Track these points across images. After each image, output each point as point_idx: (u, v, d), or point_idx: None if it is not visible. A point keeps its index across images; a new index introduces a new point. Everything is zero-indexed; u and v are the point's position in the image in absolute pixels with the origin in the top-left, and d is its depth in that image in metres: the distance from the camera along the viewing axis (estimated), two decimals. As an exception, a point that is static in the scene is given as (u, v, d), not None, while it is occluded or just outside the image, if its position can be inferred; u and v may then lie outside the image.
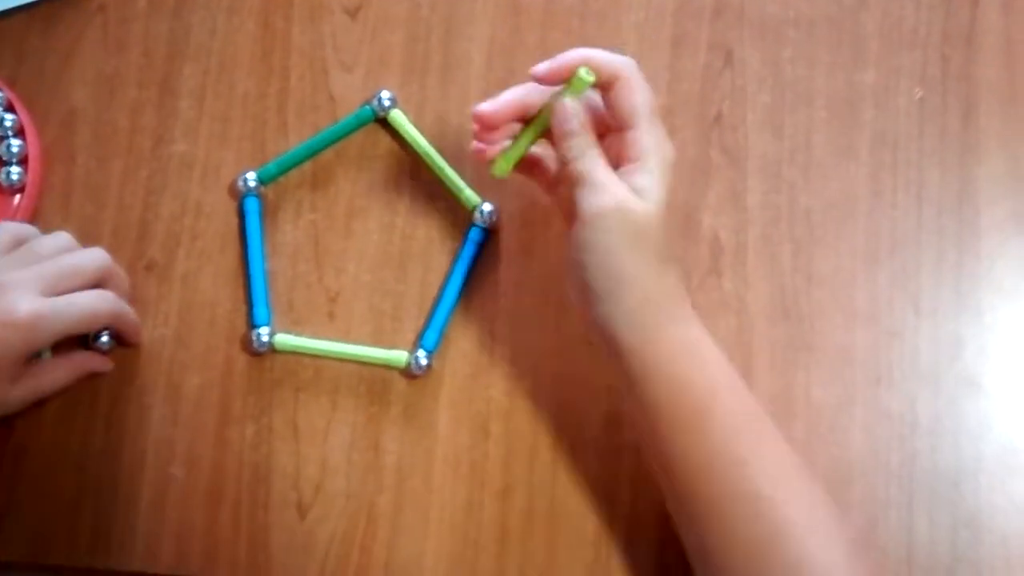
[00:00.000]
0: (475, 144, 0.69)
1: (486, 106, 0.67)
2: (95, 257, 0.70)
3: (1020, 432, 0.72)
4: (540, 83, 0.66)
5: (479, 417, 0.73)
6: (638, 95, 0.66)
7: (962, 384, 0.73)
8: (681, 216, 0.76)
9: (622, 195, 0.63)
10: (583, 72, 0.65)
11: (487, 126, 0.68)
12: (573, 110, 0.65)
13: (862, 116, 0.78)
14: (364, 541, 0.71)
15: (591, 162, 0.64)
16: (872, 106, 0.78)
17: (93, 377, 0.73)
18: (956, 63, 0.78)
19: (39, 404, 0.73)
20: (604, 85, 0.66)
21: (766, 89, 0.78)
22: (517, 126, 0.69)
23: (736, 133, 0.77)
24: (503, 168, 0.70)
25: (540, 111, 0.68)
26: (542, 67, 0.66)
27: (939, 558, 0.70)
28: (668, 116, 0.77)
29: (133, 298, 0.74)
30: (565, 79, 0.66)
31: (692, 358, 0.65)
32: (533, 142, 0.69)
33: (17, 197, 0.76)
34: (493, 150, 0.69)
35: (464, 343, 0.74)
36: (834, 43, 0.79)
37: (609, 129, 0.67)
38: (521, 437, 0.73)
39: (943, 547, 0.70)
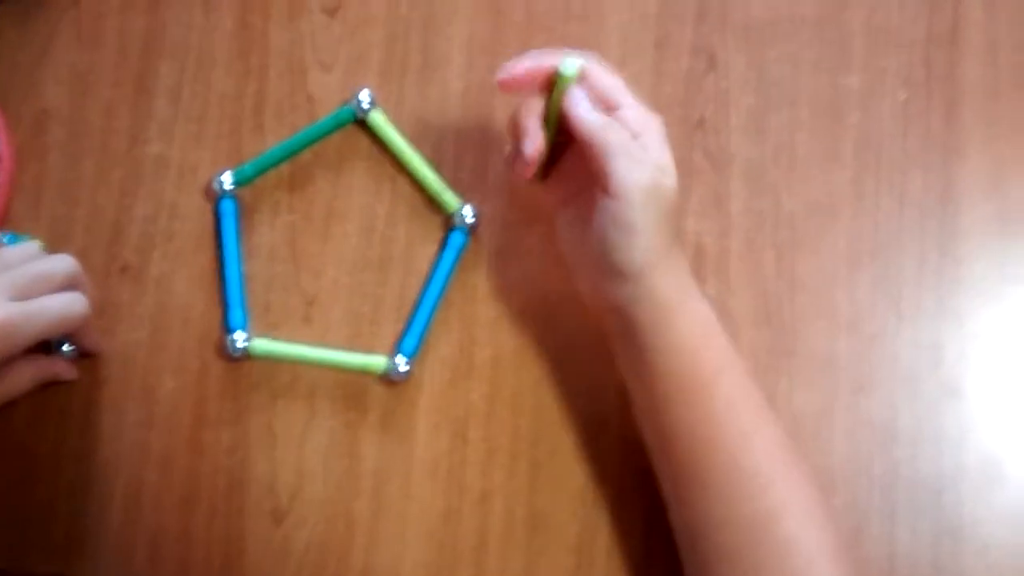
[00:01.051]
0: (525, 155, 0.67)
1: (513, 64, 0.65)
2: (64, 263, 0.68)
3: (1001, 441, 0.72)
4: (509, 90, 0.66)
5: (458, 422, 0.72)
6: (611, 76, 0.66)
7: (943, 391, 0.73)
8: (663, 220, 0.75)
9: (655, 170, 0.63)
10: (564, 68, 0.64)
11: (519, 85, 0.66)
12: (583, 93, 0.65)
13: (846, 119, 0.77)
14: (341, 548, 0.71)
15: (618, 132, 0.63)
16: (856, 108, 0.77)
17: (65, 382, 0.72)
18: (940, 64, 0.78)
19: (9, 404, 0.71)
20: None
21: (749, 92, 0.77)
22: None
23: (719, 137, 0.76)
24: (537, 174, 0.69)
25: (547, 110, 0.66)
26: (508, 72, 0.66)
27: (921, 567, 0.70)
28: (651, 119, 0.76)
29: (99, 305, 0.73)
30: (537, 82, 0.65)
31: (703, 333, 0.65)
32: (551, 141, 0.68)
33: (-12, 197, 0.75)
34: (533, 168, 0.68)
35: (443, 348, 0.73)
36: (819, 45, 0.78)
37: None
38: (500, 443, 0.72)
39: (925, 556, 0.70)
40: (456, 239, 0.74)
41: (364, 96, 0.76)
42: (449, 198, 0.75)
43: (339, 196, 0.76)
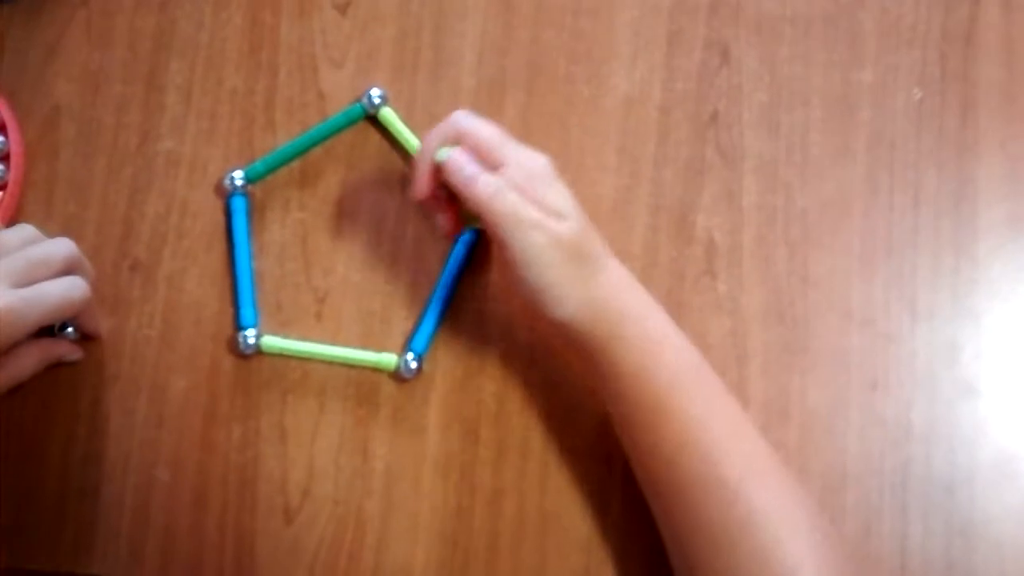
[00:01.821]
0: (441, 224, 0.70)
1: (419, 189, 0.68)
2: (63, 247, 0.68)
3: (1016, 438, 0.71)
4: (430, 198, 0.68)
5: (469, 421, 0.72)
6: (484, 130, 0.66)
7: (958, 389, 0.72)
8: (676, 216, 0.75)
9: (549, 225, 0.64)
10: (439, 158, 0.66)
11: (430, 196, 0.68)
12: (465, 157, 0.66)
13: (859, 116, 0.76)
14: (352, 547, 0.71)
15: (506, 196, 0.64)
16: (869, 105, 0.76)
17: (74, 378, 0.72)
18: (955, 62, 0.77)
19: (17, 402, 0.72)
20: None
21: (762, 88, 0.77)
22: None
23: (731, 132, 0.76)
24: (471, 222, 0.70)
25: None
26: (418, 193, 0.68)
27: (933, 565, 0.69)
28: (663, 115, 0.76)
29: (110, 301, 0.74)
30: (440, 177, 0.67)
31: (651, 352, 0.65)
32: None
33: (-1, 194, 0.75)
34: (456, 232, 0.71)
35: (454, 345, 0.73)
36: (831, 41, 0.77)
37: None
38: (512, 441, 0.72)
39: (937, 554, 0.70)
40: (467, 236, 0.74)
41: (375, 93, 0.75)
42: (460, 195, 0.74)
43: (349, 193, 0.76)
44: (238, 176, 0.75)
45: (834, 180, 0.75)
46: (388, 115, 0.76)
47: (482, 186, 0.64)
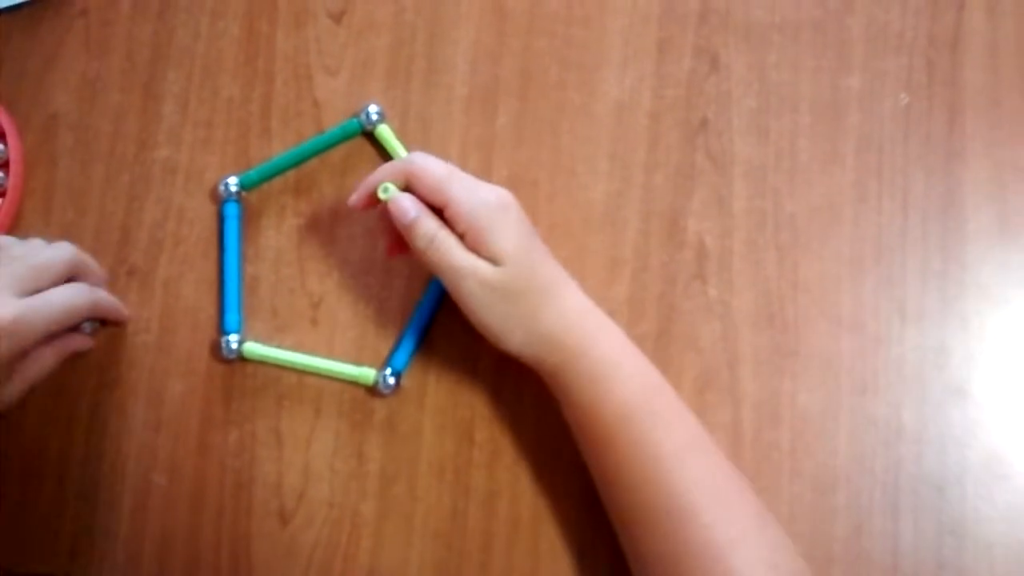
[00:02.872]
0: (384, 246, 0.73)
1: (352, 201, 0.70)
2: (63, 252, 0.69)
3: (1005, 439, 0.72)
4: (359, 210, 0.70)
5: (463, 423, 0.73)
6: (434, 170, 0.67)
7: (948, 391, 0.73)
8: (666, 221, 0.75)
9: (479, 272, 0.65)
10: (380, 193, 0.68)
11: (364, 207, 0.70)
12: (409, 201, 0.67)
13: (847, 121, 0.77)
14: (347, 549, 0.71)
15: (443, 246, 0.66)
16: (857, 111, 0.77)
17: (73, 382, 0.73)
18: (942, 68, 0.78)
19: (14, 412, 0.73)
20: (407, 188, 0.68)
21: (751, 94, 0.77)
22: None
23: (721, 138, 0.77)
24: None
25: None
26: (354, 203, 0.70)
27: (924, 565, 0.70)
28: (653, 122, 0.77)
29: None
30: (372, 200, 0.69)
31: (602, 380, 0.66)
32: None
33: (-2, 202, 0.76)
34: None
35: (448, 349, 0.74)
36: (819, 48, 0.78)
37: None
38: (506, 444, 0.72)
39: (928, 554, 0.70)
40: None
41: (372, 110, 0.76)
42: (453, 201, 0.75)
43: (344, 199, 0.76)
44: (232, 182, 0.76)
45: (823, 185, 0.76)
46: (384, 132, 0.77)
47: (415, 239, 0.66)
